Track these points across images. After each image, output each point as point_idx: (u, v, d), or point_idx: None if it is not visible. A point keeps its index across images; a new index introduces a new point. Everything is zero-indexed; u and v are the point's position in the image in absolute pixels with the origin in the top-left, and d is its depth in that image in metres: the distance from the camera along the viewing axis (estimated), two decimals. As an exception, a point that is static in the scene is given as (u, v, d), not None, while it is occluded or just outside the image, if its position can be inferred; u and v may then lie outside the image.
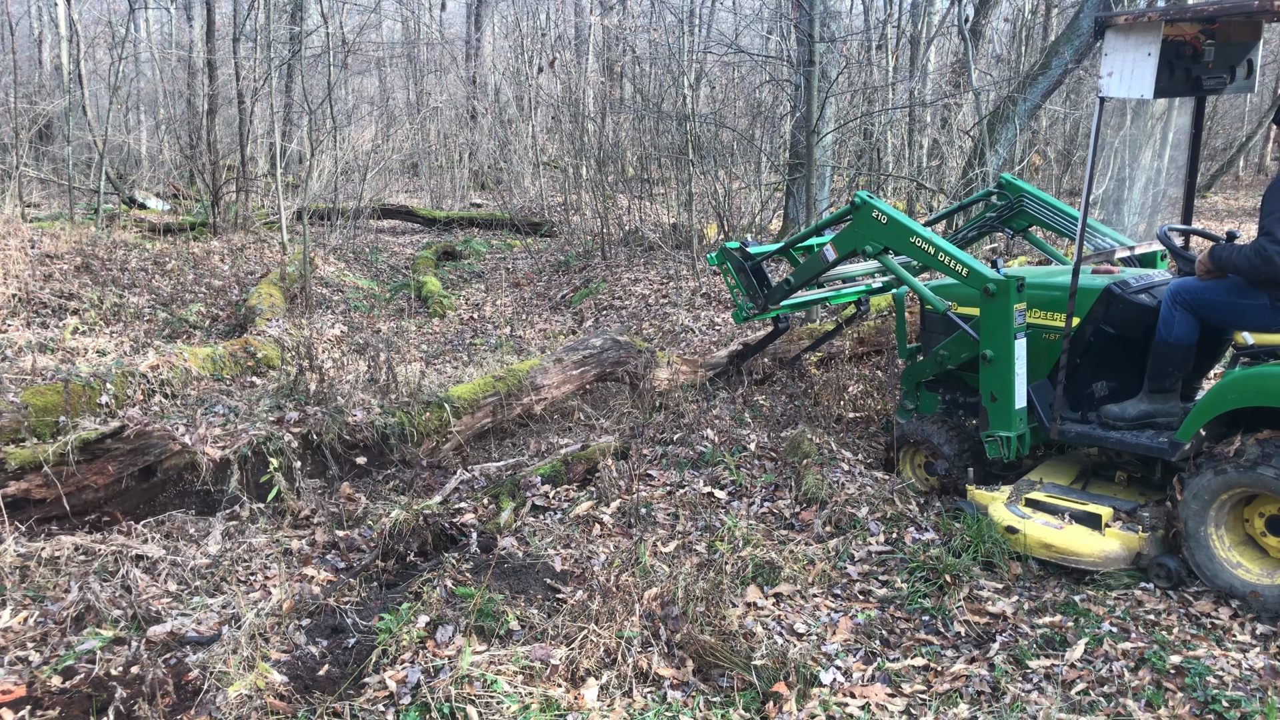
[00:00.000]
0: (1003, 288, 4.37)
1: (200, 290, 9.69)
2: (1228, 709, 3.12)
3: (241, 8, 14.42)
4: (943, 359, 4.92)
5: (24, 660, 3.36)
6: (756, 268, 5.88)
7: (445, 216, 16.08)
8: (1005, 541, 4.21)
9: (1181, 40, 4.09)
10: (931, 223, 6.32)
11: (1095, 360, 4.52)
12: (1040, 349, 4.55)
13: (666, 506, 4.78)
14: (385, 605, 3.68)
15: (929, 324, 5.22)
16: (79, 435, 4.58)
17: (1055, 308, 4.53)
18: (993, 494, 4.50)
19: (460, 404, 5.77)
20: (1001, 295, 4.39)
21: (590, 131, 14.10)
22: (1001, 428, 4.49)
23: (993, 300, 4.42)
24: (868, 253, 5.05)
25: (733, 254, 5.91)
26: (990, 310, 4.46)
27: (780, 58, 12.23)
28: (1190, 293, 4.11)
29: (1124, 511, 4.21)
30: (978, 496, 4.54)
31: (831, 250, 5.24)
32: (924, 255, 4.77)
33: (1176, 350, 4.15)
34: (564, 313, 10.22)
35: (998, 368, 4.46)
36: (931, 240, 4.73)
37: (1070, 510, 4.22)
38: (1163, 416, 4.26)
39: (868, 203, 4.96)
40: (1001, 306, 4.40)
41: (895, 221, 4.87)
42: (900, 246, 4.90)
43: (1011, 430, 4.46)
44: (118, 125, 17.14)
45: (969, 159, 11.24)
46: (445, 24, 27.26)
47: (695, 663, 3.42)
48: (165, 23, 25.11)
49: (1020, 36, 15.21)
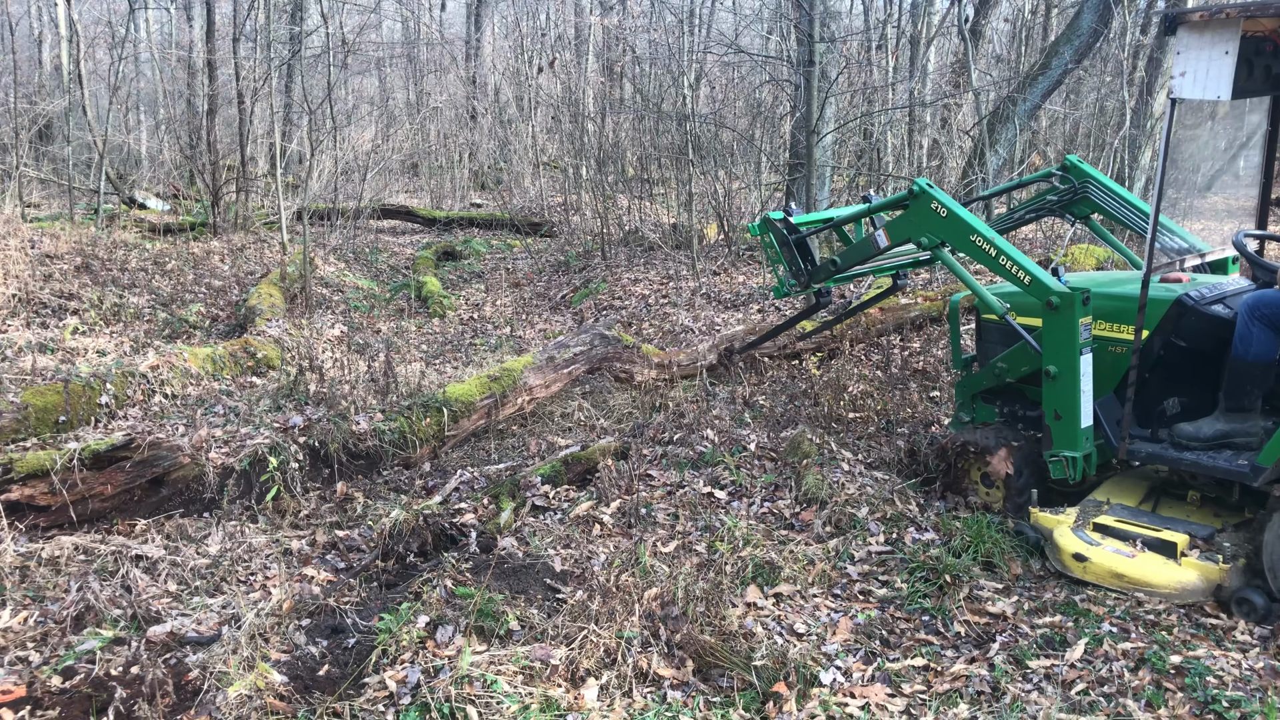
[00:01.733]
0: (1067, 301, 4.11)
1: (200, 290, 9.69)
2: (1228, 709, 3.12)
3: (241, 8, 14.41)
4: (1001, 371, 4.64)
5: (24, 660, 3.35)
6: (801, 241, 5.47)
7: (445, 216, 16.08)
8: (1071, 569, 3.98)
9: (1262, 36, 3.83)
10: (987, 197, 5.99)
11: (1166, 375, 4.28)
12: (1106, 362, 4.29)
13: (666, 506, 4.78)
14: (385, 605, 3.67)
15: (986, 333, 4.96)
16: (88, 445, 4.58)
17: (1121, 319, 4.26)
18: (1057, 517, 4.23)
19: (457, 406, 5.78)
20: (1066, 308, 4.12)
21: (590, 131, 14.10)
22: (1066, 447, 4.24)
23: (1057, 313, 4.15)
24: (923, 245, 4.73)
25: (775, 225, 5.49)
26: (1054, 324, 4.18)
27: (780, 58, 12.23)
28: (1270, 306, 3.84)
29: (1201, 538, 3.92)
30: (1041, 519, 4.27)
31: (884, 236, 4.90)
32: (984, 256, 4.45)
33: (1255, 368, 3.89)
34: (564, 313, 10.21)
35: (1062, 384, 4.20)
36: (994, 241, 4.40)
37: (1143, 537, 3.95)
38: (1241, 437, 3.99)
39: (926, 192, 4.62)
40: (1066, 320, 4.13)
41: (955, 216, 4.53)
42: (958, 243, 4.58)
43: (1077, 450, 4.22)
44: (118, 125, 17.14)
45: (969, 159, 11.24)
46: (445, 24, 27.26)
47: (695, 663, 3.42)
48: (165, 23, 25.11)
49: (1020, 36, 15.21)
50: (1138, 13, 13.27)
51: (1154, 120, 12.10)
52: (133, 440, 4.61)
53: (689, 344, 7.98)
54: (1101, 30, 10.67)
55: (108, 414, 5.71)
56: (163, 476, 4.67)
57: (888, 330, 8.13)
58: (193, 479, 4.73)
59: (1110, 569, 3.91)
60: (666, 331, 8.67)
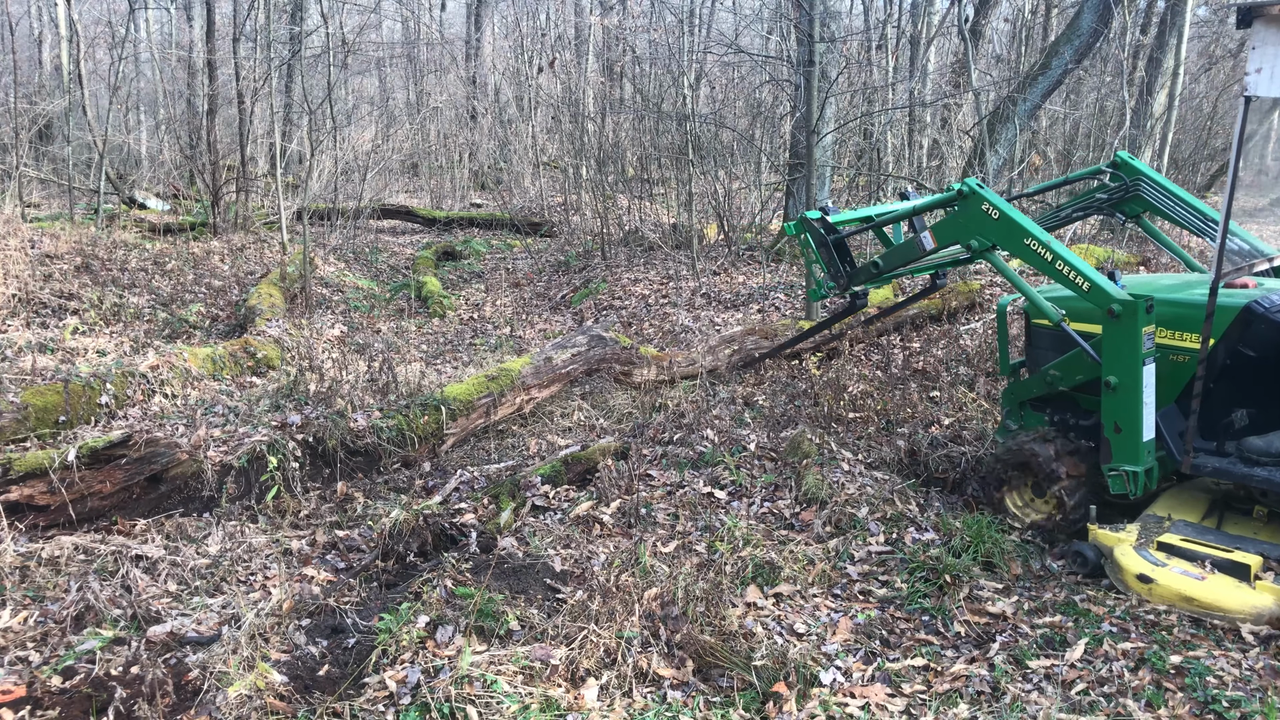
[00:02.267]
0: (1130, 309, 3.93)
1: (200, 290, 9.69)
2: (1228, 709, 3.12)
3: (241, 8, 14.41)
4: (1054, 379, 4.47)
5: (24, 660, 3.35)
6: (839, 242, 5.33)
7: (445, 216, 16.09)
8: (1135, 591, 3.80)
9: None
10: (1032, 194, 5.71)
11: (1232, 386, 4.09)
12: (1167, 372, 4.11)
13: (666, 506, 4.78)
14: (385, 605, 3.67)
15: (1037, 339, 4.79)
16: (86, 443, 4.57)
17: (1184, 327, 4.09)
18: (1118, 534, 4.02)
19: (456, 405, 5.78)
20: (1128, 317, 3.93)
21: (590, 131, 14.10)
22: (1127, 461, 4.05)
23: (1118, 322, 3.96)
24: (973, 248, 4.54)
25: (813, 225, 5.33)
26: (1115, 332, 3.99)
27: (780, 58, 12.23)
28: None
29: (1275, 560, 3.74)
30: (1100, 537, 4.06)
31: (930, 238, 4.72)
32: (1038, 260, 4.25)
33: None
34: (564, 313, 10.21)
35: (1123, 396, 4.01)
36: (1049, 245, 4.20)
37: (1212, 558, 3.77)
38: None
39: (977, 193, 4.44)
40: (1128, 329, 3.94)
41: (1008, 218, 4.35)
42: (1011, 247, 4.38)
43: (1139, 464, 4.02)
44: (118, 125, 17.14)
45: (969, 159, 11.24)
46: (445, 24, 27.27)
47: (695, 663, 3.42)
48: (165, 23, 25.12)
49: (1020, 36, 15.22)
50: (1138, 13, 13.27)
51: (1154, 120, 12.11)
52: (130, 437, 4.61)
53: (689, 344, 7.98)
54: (1101, 30, 10.67)
55: (108, 414, 5.71)
56: (161, 474, 4.67)
57: (887, 330, 8.13)
58: (191, 476, 4.73)
59: (1178, 592, 3.71)
60: (666, 331, 8.67)
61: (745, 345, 7.59)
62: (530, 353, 6.91)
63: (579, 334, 7.03)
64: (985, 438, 5.48)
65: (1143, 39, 12.93)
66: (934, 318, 8.18)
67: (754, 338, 7.64)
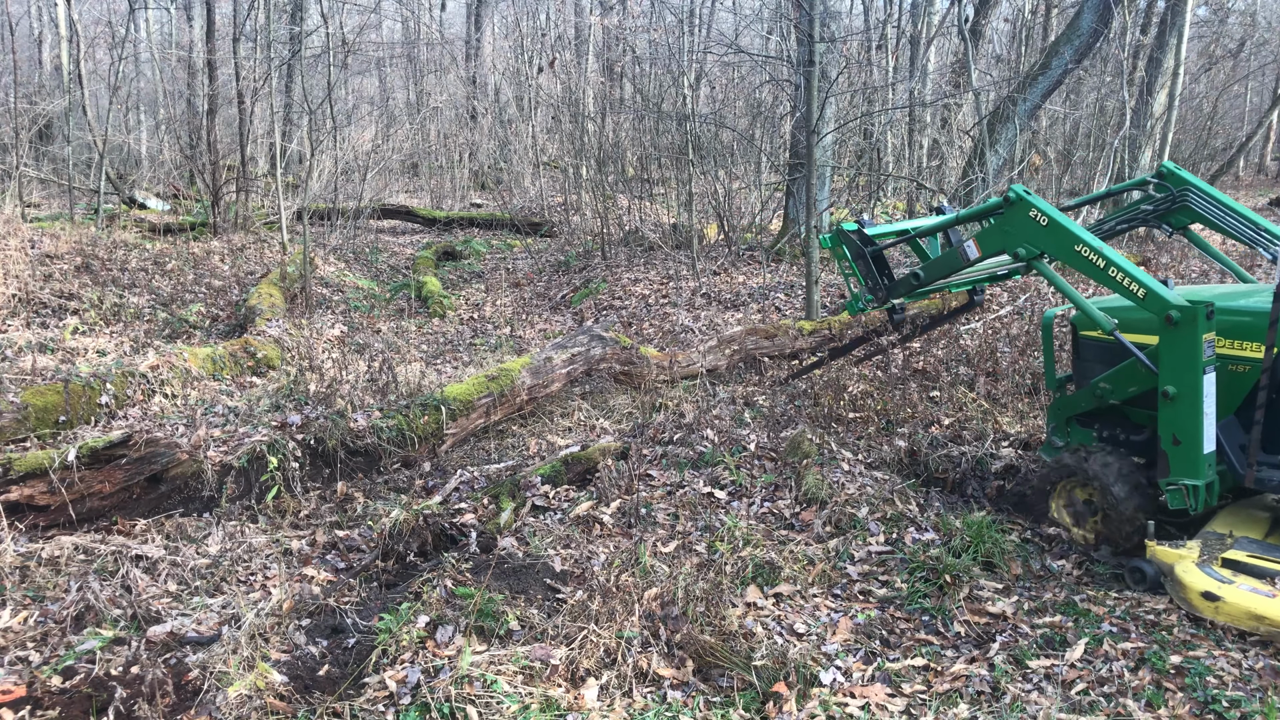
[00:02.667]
0: (1189, 315, 3.80)
1: (200, 290, 9.69)
2: (1228, 709, 3.12)
3: (241, 8, 14.41)
4: (1104, 393, 4.34)
5: (24, 660, 3.35)
6: (877, 254, 5.24)
7: (445, 216, 16.09)
8: (1199, 610, 3.65)
9: None
10: (1072, 207, 5.62)
11: None
12: (1226, 382, 3.99)
13: (666, 506, 4.78)
14: (385, 605, 3.67)
15: (1085, 351, 4.67)
16: (86, 443, 4.57)
17: (1244, 335, 3.97)
18: (1178, 551, 3.86)
19: (456, 405, 5.78)
20: (1187, 324, 3.81)
21: (590, 131, 14.10)
22: (1186, 475, 3.91)
23: (1177, 329, 3.83)
24: (1019, 256, 4.40)
25: (849, 237, 5.24)
26: (1174, 340, 3.86)
27: (780, 58, 12.23)
28: None
29: None
30: (1159, 554, 3.89)
31: (974, 247, 4.59)
32: (1090, 268, 4.10)
33: None
34: (564, 313, 10.21)
35: (1182, 406, 3.88)
36: (1101, 251, 4.06)
37: None
38: None
39: (1024, 199, 4.31)
40: (1187, 337, 3.82)
41: (1057, 224, 4.22)
42: (1061, 254, 4.24)
43: (1199, 478, 3.88)
44: (118, 125, 17.15)
45: (969, 159, 11.24)
46: (445, 24, 27.28)
47: (695, 663, 3.42)
48: (165, 23, 25.12)
49: (1020, 36, 15.22)
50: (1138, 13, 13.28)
51: (1154, 120, 12.10)
52: (130, 437, 4.61)
53: (689, 344, 7.98)
54: (1101, 30, 10.68)
55: (108, 414, 5.71)
56: (161, 474, 4.67)
57: (887, 330, 8.13)
58: (191, 476, 4.73)
59: (1247, 610, 3.56)
60: (666, 331, 8.67)
61: (745, 345, 7.59)
62: (530, 353, 6.91)
63: (579, 334, 7.03)
64: (985, 438, 5.49)
65: (1143, 39, 12.93)
66: (933, 318, 8.17)
67: (754, 338, 7.65)
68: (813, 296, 8.28)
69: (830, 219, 11.74)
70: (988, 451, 5.31)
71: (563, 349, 6.71)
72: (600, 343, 6.89)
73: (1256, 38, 21.08)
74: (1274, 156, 22.66)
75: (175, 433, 4.94)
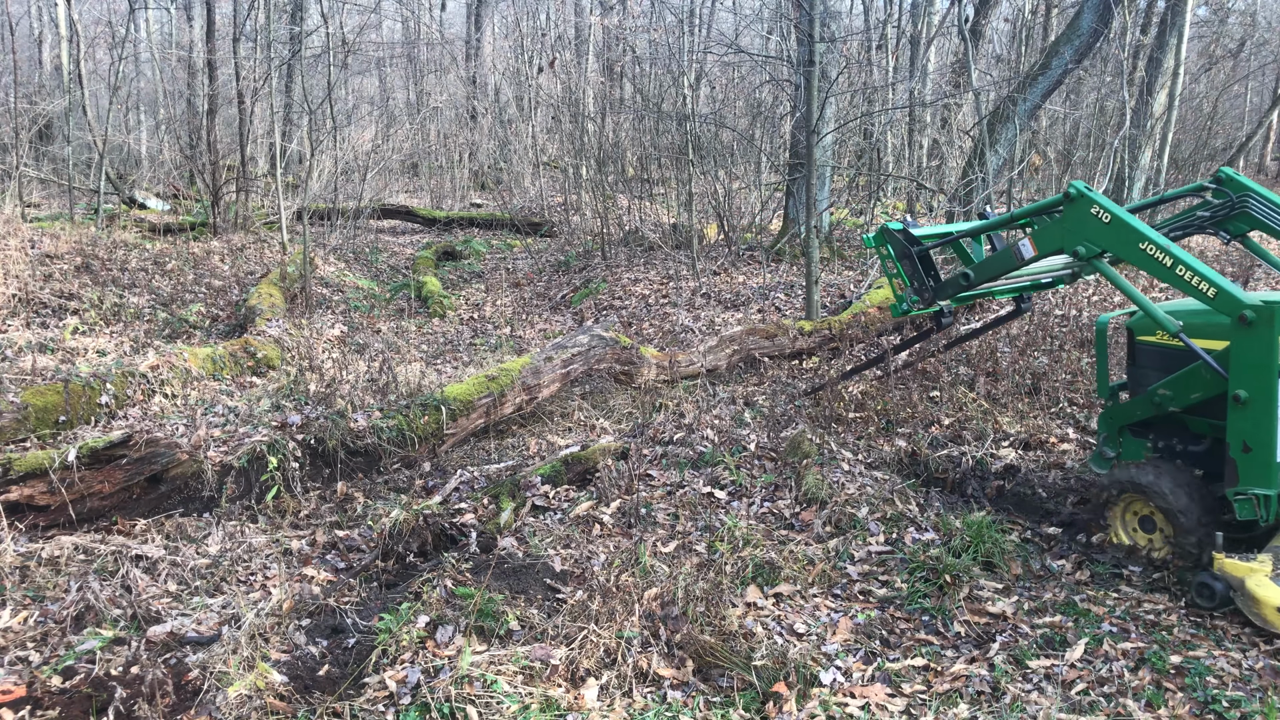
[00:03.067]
0: (1265, 315, 3.66)
1: (200, 290, 9.69)
2: (1228, 709, 3.12)
3: (241, 8, 14.42)
4: (1164, 399, 4.17)
5: (24, 660, 3.35)
6: (923, 255, 5.11)
7: (445, 216, 16.09)
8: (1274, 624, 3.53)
9: None
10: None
11: None
12: None
13: (666, 506, 4.78)
14: (385, 605, 3.68)
15: (1142, 357, 4.49)
16: (86, 443, 4.56)
17: None
18: (1250, 565, 3.71)
19: (456, 405, 5.79)
20: (1263, 324, 3.67)
21: (590, 131, 14.11)
22: (1258, 484, 3.77)
23: (1250, 330, 3.70)
24: (1079, 255, 4.24)
25: (895, 236, 5.11)
26: (1247, 342, 3.73)
27: (780, 58, 12.23)
28: None
29: None
30: (1229, 568, 3.73)
31: (1030, 246, 4.41)
32: (1157, 267, 3.94)
33: None
34: (564, 313, 10.22)
35: (1254, 412, 3.74)
36: (1169, 249, 3.90)
37: None
38: None
39: (1085, 195, 4.15)
40: (1262, 338, 3.68)
41: (1121, 221, 4.05)
42: (1125, 253, 4.08)
43: (1272, 487, 3.75)
44: (118, 125, 17.15)
45: (969, 159, 11.24)
46: (445, 24, 27.29)
47: (695, 663, 3.42)
48: (165, 23, 25.13)
49: (1020, 36, 15.23)
50: (1138, 13, 13.28)
51: (1154, 120, 12.10)
52: (130, 438, 4.61)
53: (689, 344, 7.98)
54: (1101, 30, 10.68)
55: (108, 414, 5.71)
56: (161, 474, 4.67)
57: (887, 330, 8.13)
58: (191, 476, 4.73)
59: None
60: (666, 331, 8.67)
61: (745, 345, 7.59)
62: (530, 353, 6.91)
63: (579, 334, 7.03)
64: (985, 438, 5.49)
65: (1143, 39, 12.93)
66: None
67: (754, 338, 7.65)
68: (813, 296, 8.28)
69: (830, 219, 11.74)
70: (988, 451, 5.31)
71: (563, 349, 6.71)
72: (600, 343, 6.89)
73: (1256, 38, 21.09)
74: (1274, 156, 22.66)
75: (175, 433, 4.94)
